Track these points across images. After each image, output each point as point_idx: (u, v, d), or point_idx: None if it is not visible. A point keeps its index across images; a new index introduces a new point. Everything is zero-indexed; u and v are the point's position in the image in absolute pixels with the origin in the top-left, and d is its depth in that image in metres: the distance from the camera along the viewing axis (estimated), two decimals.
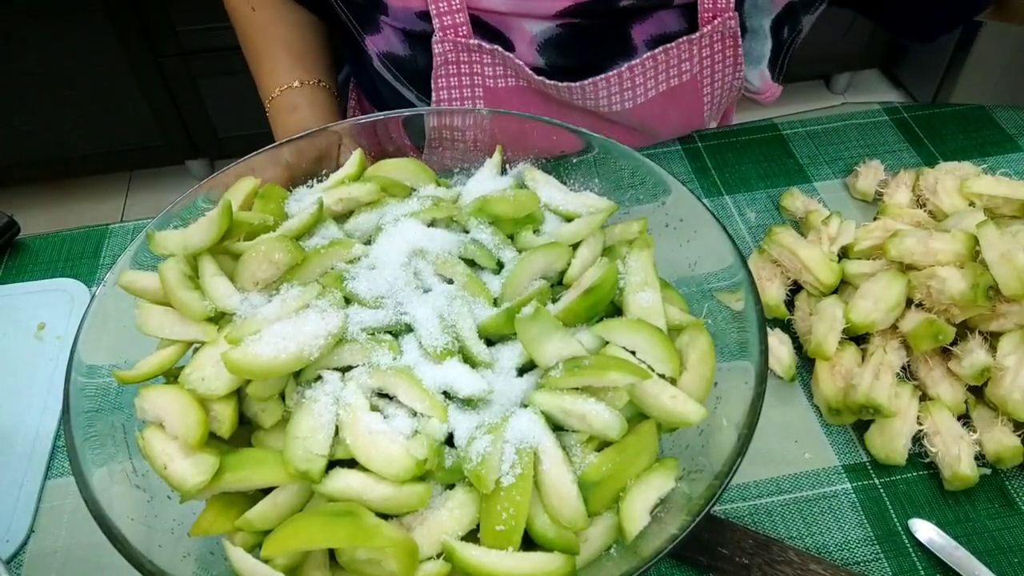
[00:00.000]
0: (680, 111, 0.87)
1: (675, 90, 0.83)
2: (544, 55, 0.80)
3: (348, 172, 0.66)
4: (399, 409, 0.50)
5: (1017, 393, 0.60)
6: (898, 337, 0.67)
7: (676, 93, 0.84)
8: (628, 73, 0.79)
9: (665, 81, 0.82)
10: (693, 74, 0.82)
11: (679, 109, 0.86)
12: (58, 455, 0.69)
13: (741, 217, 0.84)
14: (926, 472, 0.63)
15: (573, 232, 0.60)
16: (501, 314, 0.54)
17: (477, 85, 0.81)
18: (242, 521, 0.47)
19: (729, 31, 0.78)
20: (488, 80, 0.81)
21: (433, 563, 0.46)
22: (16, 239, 0.88)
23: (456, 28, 0.76)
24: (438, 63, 0.79)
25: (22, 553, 0.63)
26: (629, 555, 0.47)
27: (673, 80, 0.82)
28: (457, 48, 0.77)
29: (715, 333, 0.55)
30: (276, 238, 0.57)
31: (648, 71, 0.80)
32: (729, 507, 0.62)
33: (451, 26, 0.76)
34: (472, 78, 0.80)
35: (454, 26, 0.76)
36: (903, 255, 0.67)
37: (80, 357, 0.52)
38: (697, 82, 0.83)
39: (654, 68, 0.80)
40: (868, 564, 0.59)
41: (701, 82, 0.83)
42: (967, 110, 0.93)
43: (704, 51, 0.80)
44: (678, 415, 0.50)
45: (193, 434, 0.47)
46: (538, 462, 0.47)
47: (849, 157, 0.89)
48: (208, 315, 0.54)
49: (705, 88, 0.84)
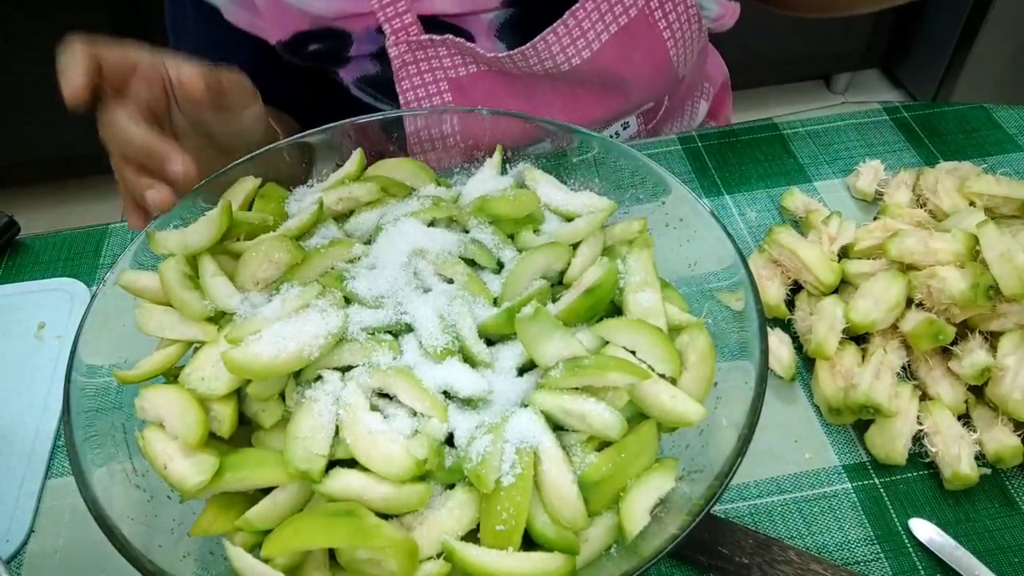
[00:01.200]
0: (642, 52, 0.85)
1: (628, 30, 0.82)
2: (503, 39, 0.81)
3: (348, 172, 0.66)
4: (399, 409, 0.50)
5: (1017, 393, 0.60)
6: (898, 337, 0.67)
7: (630, 33, 0.83)
8: (572, 20, 0.79)
9: (613, 20, 0.81)
10: (640, 7, 0.81)
11: (641, 50, 0.85)
12: (58, 455, 0.69)
13: (741, 217, 0.84)
14: (926, 472, 0.63)
15: (573, 232, 0.60)
16: (501, 314, 0.54)
17: (440, 80, 0.82)
18: (242, 521, 0.47)
19: None
20: (450, 71, 0.82)
21: (433, 563, 0.46)
22: (16, 239, 0.88)
23: (406, 29, 0.78)
24: (397, 66, 0.81)
25: (22, 553, 0.63)
26: (629, 555, 0.47)
27: (621, 18, 0.81)
28: (412, 47, 0.79)
29: (715, 333, 0.55)
30: (276, 238, 0.57)
31: (592, 13, 0.80)
32: (729, 507, 0.62)
33: (400, 28, 0.78)
34: (434, 73, 0.82)
35: (404, 27, 0.78)
36: (903, 255, 0.67)
37: (80, 357, 0.52)
38: (647, 16, 0.82)
39: (596, 9, 0.80)
40: (868, 564, 0.59)
41: (653, 15, 0.82)
42: (967, 110, 0.93)
43: None
44: (678, 415, 0.50)
45: (193, 434, 0.47)
46: (538, 462, 0.47)
47: (849, 157, 0.89)
48: (208, 315, 0.54)
49: (660, 22, 0.83)
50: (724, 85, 1.15)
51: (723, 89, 1.15)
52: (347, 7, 0.78)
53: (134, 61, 0.60)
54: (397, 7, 0.77)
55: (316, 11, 0.78)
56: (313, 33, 0.80)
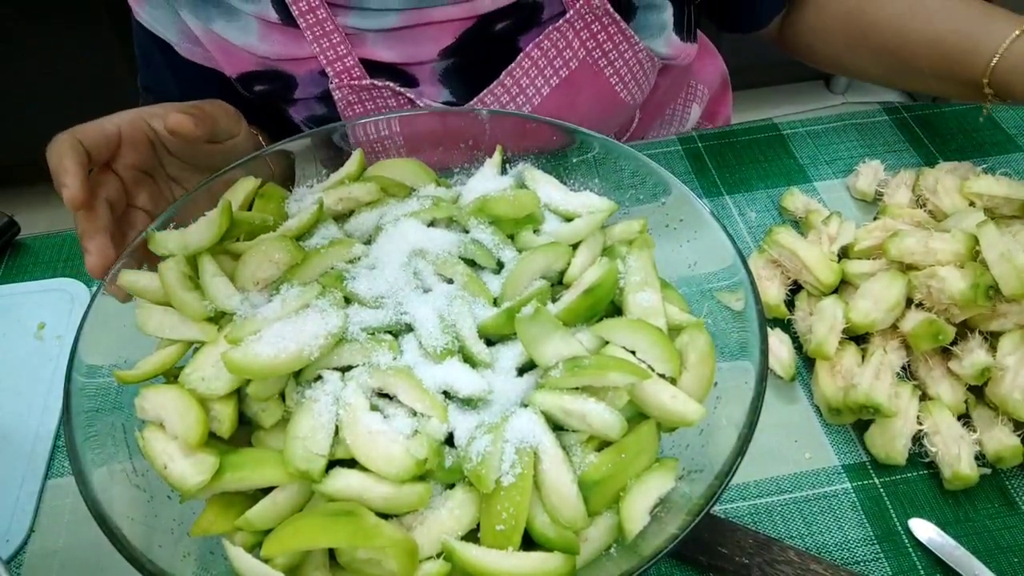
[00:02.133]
0: (588, 96, 0.84)
1: (571, 79, 0.82)
2: (447, 85, 0.81)
3: (348, 172, 0.66)
4: (399, 409, 0.50)
5: (1017, 393, 0.60)
6: (898, 337, 0.67)
7: (574, 82, 0.82)
8: (511, 79, 0.80)
9: (554, 74, 0.81)
10: (581, 58, 0.81)
11: (586, 94, 0.84)
12: (58, 455, 0.69)
13: (741, 217, 0.84)
14: (926, 472, 0.63)
15: (573, 232, 0.60)
16: (501, 314, 0.54)
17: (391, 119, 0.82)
18: (242, 521, 0.47)
19: (599, 9, 0.77)
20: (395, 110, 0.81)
21: (433, 563, 0.46)
22: (16, 239, 0.88)
23: (348, 72, 0.78)
24: (342, 107, 0.80)
25: (22, 553, 0.63)
26: (629, 555, 0.47)
27: (562, 71, 0.81)
28: (354, 90, 0.79)
29: (715, 333, 0.55)
30: (276, 238, 0.57)
31: (530, 70, 0.80)
32: (729, 507, 0.62)
33: (343, 71, 0.78)
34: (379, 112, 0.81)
35: (346, 70, 0.78)
36: (903, 255, 0.67)
37: (80, 357, 0.52)
38: (591, 65, 0.82)
39: (535, 66, 0.80)
40: (868, 564, 0.59)
41: (597, 64, 0.82)
42: (967, 110, 0.93)
43: (582, 34, 0.79)
44: (678, 415, 0.50)
45: (193, 434, 0.47)
46: (538, 462, 0.47)
47: (849, 157, 0.89)
48: (208, 315, 0.54)
49: (606, 69, 0.83)
50: (723, 85, 1.14)
51: (722, 89, 1.15)
52: (289, 51, 0.77)
53: (116, 132, 0.61)
54: (338, 51, 0.76)
55: (261, 52, 0.78)
56: (259, 74, 0.80)
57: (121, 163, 0.63)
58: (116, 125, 0.62)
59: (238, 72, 0.80)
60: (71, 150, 0.57)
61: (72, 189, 0.56)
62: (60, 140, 0.58)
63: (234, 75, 0.81)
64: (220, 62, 0.80)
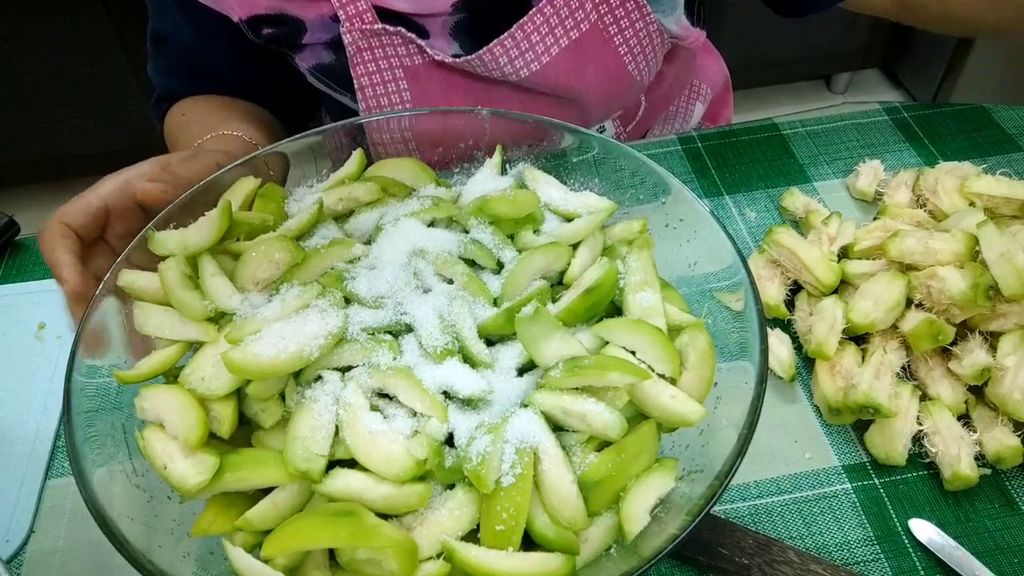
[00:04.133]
0: (596, 66, 0.84)
1: (580, 44, 0.82)
2: (457, 39, 0.81)
3: (348, 171, 0.66)
4: (399, 409, 0.50)
5: (1017, 393, 0.60)
6: (898, 337, 0.67)
7: (583, 47, 0.82)
8: (521, 32, 0.79)
9: (564, 34, 0.81)
10: (592, 22, 0.81)
11: (594, 64, 0.84)
12: (58, 455, 0.69)
13: (741, 217, 0.84)
14: (926, 472, 0.63)
15: (573, 232, 0.60)
16: (501, 314, 0.54)
17: (396, 67, 0.82)
18: (242, 521, 0.47)
19: None
20: (405, 60, 0.82)
21: (433, 563, 0.46)
22: (16, 239, 0.88)
23: (360, 16, 0.78)
24: (351, 52, 0.80)
25: (22, 553, 0.63)
26: (629, 555, 0.47)
27: (573, 32, 0.81)
28: (365, 35, 0.79)
29: (715, 333, 0.55)
30: (276, 238, 0.57)
31: (542, 26, 0.80)
32: (729, 507, 0.62)
33: (355, 15, 0.78)
34: (388, 61, 0.82)
35: (358, 14, 0.78)
36: (903, 255, 0.67)
37: (80, 357, 0.52)
38: (601, 31, 0.82)
39: (546, 23, 0.80)
40: (868, 564, 0.59)
41: (607, 30, 0.82)
42: (967, 110, 0.93)
43: None
44: (678, 415, 0.50)
45: (193, 434, 0.47)
46: (538, 462, 0.47)
47: (849, 157, 0.89)
48: (208, 315, 0.54)
49: (616, 38, 0.83)
50: (725, 87, 1.14)
51: (724, 91, 1.15)
52: None
53: (103, 206, 0.61)
54: None
55: None
56: (267, 17, 0.80)
57: (112, 233, 0.62)
58: (102, 199, 0.61)
59: (248, 14, 0.80)
60: (62, 239, 0.57)
61: (72, 283, 0.56)
62: (50, 229, 0.58)
63: (244, 17, 0.81)
64: (231, 2, 0.80)
